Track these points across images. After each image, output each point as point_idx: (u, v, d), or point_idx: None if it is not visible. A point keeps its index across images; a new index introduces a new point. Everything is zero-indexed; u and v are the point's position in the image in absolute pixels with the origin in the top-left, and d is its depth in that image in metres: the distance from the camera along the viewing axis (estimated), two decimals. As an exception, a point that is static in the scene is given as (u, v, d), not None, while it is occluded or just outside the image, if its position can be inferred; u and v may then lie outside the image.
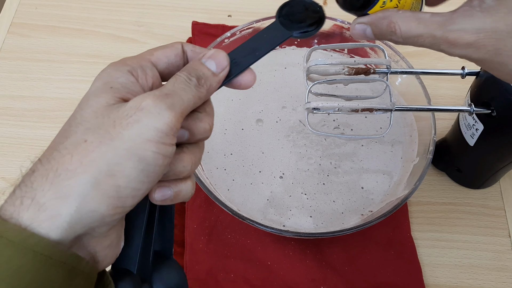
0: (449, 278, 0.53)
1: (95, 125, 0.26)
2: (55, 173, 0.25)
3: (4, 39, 0.69)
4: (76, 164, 0.25)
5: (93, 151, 0.25)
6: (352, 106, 0.47)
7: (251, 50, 0.32)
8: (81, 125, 0.26)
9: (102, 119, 0.26)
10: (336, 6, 0.41)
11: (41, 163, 0.26)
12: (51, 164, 0.25)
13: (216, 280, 0.51)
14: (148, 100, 0.26)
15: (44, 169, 0.25)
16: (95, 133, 0.25)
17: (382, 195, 0.54)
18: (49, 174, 0.25)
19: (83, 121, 0.26)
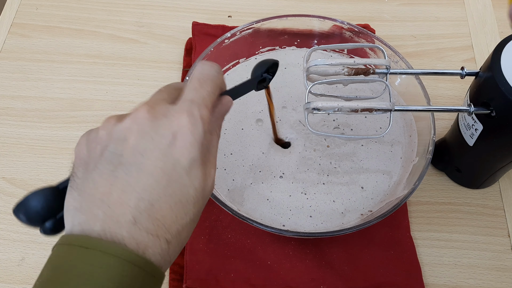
0: (449, 277, 0.53)
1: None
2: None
3: (5, 39, 0.69)
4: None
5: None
6: (352, 106, 0.48)
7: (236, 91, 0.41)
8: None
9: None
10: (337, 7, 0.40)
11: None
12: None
13: (216, 280, 0.51)
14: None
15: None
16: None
17: (381, 195, 0.54)
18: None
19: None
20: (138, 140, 0.31)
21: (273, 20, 0.61)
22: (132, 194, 0.30)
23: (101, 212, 0.29)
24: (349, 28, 0.61)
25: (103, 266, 0.28)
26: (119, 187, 0.30)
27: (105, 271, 0.28)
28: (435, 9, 0.74)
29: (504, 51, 0.45)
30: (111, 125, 0.32)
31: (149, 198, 0.30)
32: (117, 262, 0.28)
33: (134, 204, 0.30)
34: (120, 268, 0.28)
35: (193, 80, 0.35)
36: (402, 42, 0.70)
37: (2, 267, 0.53)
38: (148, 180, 0.30)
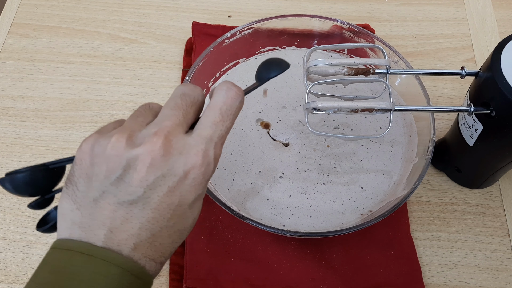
0: (449, 277, 0.53)
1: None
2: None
3: (5, 39, 0.69)
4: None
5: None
6: (352, 106, 0.48)
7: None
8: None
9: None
10: (337, 7, 0.41)
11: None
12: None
13: (216, 280, 0.51)
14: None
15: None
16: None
17: (381, 195, 0.54)
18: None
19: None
20: (148, 173, 0.30)
21: (273, 20, 0.61)
22: (135, 224, 0.30)
23: (102, 234, 0.30)
24: (349, 28, 0.61)
25: (105, 274, 0.29)
26: (123, 214, 0.30)
27: (107, 279, 0.29)
28: (435, 9, 0.74)
29: (504, 51, 0.45)
30: (121, 147, 0.30)
31: (151, 229, 0.31)
32: (118, 271, 0.29)
33: (136, 233, 0.30)
34: (121, 277, 0.29)
35: (215, 111, 0.33)
36: (402, 42, 0.70)
37: (2, 267, 0.53)
38: (153, 214, 0.31)
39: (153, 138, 0.30)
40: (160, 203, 0.30)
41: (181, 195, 0.31)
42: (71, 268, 0.29)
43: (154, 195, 0.30)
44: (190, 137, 0.32)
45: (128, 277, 0.29)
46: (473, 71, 0.49)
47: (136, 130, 0.32)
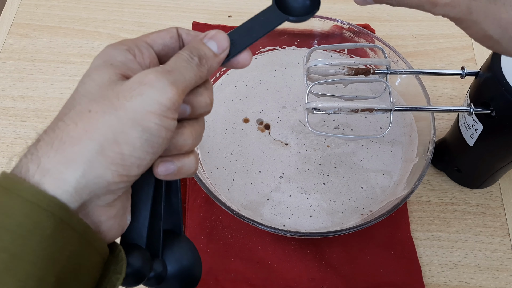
0: (449, 277, 0.53)
1: (99, 97, 0.26)
2: (60, 141, 0.25)
3: (5, 39, 0.69)
4: (81, 131, 0.25)
5: (98, 119, 0.25)
6: (352, 106, 0.48)
7: (248, 32, 0.32)
8: (85, 97, 0.27)
9: (106, 91, 0.26)
10: (337, 7, 0.41)
11: (46, 133, 0.26)
12: (56, 133, 0.26)
13: (216, 279, 0.51)
14: (151, 75, 0.27)
15: (49, 137, 0.26)
16: (99, 103, 0.26)
17: (382, 195, 0.54)
18: (54, 142, 0.25)
19: (87, 93, 0.27)
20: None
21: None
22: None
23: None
24: (349, 28, 0.61)
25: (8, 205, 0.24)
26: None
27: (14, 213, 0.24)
28: None
29: (504, 51, 0.45)
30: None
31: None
32: (22, 203, 0.24)
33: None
34: (26, 210, 0.24)
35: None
36: (402, 42, 0.70)
37: (2, 267, 0.53)
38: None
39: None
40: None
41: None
42: None
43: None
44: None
45: (36, 209, 0.24)
46: (473, 71, 0.49)
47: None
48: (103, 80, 0.27)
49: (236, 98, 0.60)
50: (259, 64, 0.63)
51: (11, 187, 0.24)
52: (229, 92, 0.61)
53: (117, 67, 0.28)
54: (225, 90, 0.61)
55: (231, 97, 0.60)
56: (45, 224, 0.24)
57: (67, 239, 0.25)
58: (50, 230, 0.24)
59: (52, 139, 0.25)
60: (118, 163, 0.25)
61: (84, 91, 0.27)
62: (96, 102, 0.26)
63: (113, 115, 0.25)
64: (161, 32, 0.32)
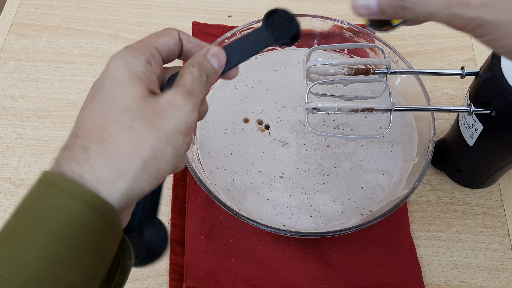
0: (449, 277, 0.53)
1: (139, 114, 0.30)
2: (111, 155, 0.29)
3: (5, 39, 0.69)
4: (129, 148, 0.29)
5: (142, 138, 0.30)
6: (352, 106, 0.48)
7: (239, 50, 0.35)
8: (126, 112, 0.30)
9: (144, 109, 0.30)
10: (337, 7, 0.40)
11: (91, 141, 0.29)
12: (104, 145, 0.29)
13: (216, 279, 0.51)
14: (179, 98, 0.31)
15: (99, 149, 0.29)
16: (141, 121, 0.30)
17: (381, 195, 0.54)
18: (106, 155, 0.29)
19: (127, 108, 0.30)
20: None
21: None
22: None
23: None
24: (349, 28, 0.61)
25: (62, 204, 0.28)
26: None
27: (64, 209, 0.28)
28: None
29: (504, 51, 0.45)
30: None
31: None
32: (74, 200, 0.28)
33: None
34: (77, 205, 0.28)
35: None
36: (402, 42, 0.70)
37: (2, 267, 0.53)
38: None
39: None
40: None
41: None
42: (37, 197, 0.29)
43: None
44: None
45: (87, 207, 0.28)
46: (473, 71, 0.49)
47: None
48: (138, 95, 0.31)
49: (236, 98, 0.60)
50: (259, 64, 0.63)
51: (73, 191, 0.28)
52: (229, 92, 0.61)
53: (143, 80, 0.31)
54: (225, 90, 0.61)
55: (231, 97, 0.60)
56: (101, 224, 0.28)
57: (113, 237, 0.30)
58: (104, 230, 0.29)
59: (102, 152, 0.29)
60: (155, 176, 0.30)
61: (122, 104, 0.30)
62: (138, 120, 0.30)
63: (153, 134, 0.30)
64: (167, 37, 0.35)
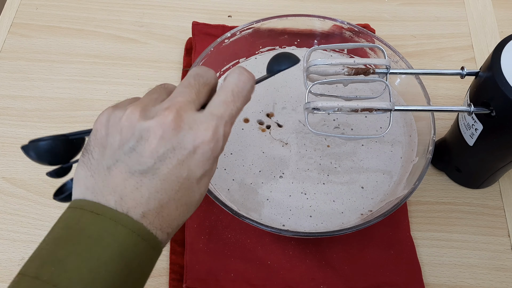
0: (449, 277, 0.53)
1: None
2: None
3: (5, 39, 0.69)
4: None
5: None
6: (352, 106, 0.48)
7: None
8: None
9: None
10: (337, 7, 0.41)
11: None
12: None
13: (216, 279, 0.51)
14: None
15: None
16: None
17: (381, 195, 0.54)
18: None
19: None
20: (159, 145, 0.31)
21: (273, 20, 0.61)
22: (144, 193, 0.32)
23: (113, 200, 0.31)
24: (349, 28, 0.61)
25: (112, 232, 0.30)
26: (133, 183, 0.31)
27: (113, 237, 0.30)
28: (435, 9, 0.74)
29: (504, 51, 0.45)
30: (135, 119, 0.32)
31: (160, 199, 0.32)
32: (124, 230, 0.30)
33: (145, 202, 0.31)
34: (126, 235, 0.30)
35: (227, 91, 0.35)
36: (402, 42, 0.70)
37: (2, 267, 0.53)
38: (161, 184, 0.32)
39: (165, 111, 0.32)
40: (169, 175, 0.32)
41: (189, 169, 0.32)
42: (81, 224, 0.31)
43: (164, 167, 0.32)
44: (202, 114, 0.33)
45: (135, 238, 0.31)
46: (473, 71, 0.49)
47: (150, 105, 0.33)
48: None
49: (236, 98, 0.60)
50: (259, 64, 0.63)
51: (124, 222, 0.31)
52: (229, 92, 0.61)
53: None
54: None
55: (231, 97, 0.60)
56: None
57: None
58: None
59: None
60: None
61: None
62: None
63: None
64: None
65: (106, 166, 0.32)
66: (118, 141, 0.32)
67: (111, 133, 0.33)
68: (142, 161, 0.32)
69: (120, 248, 0.30)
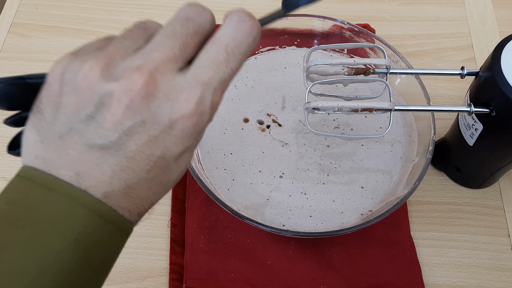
0: (449, 277, 0.53)
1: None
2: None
3: (5, 39, 0.69)
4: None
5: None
6: (352, 106, 0.48)
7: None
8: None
9: None
10: (337, 7, 0.40)
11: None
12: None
13: (216, 279, 0.51)
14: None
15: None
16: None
17: (381, 195, 0.54)
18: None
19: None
20: (125, 117, 0.25)
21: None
22: (106, 171, 0.25)
23: (67, 176, 0.25)
24: (349, 27, 0.61)
25: (67, 214, 0.25)
26: (92, 159, 0.25)
27: (69, 219, 0.25)
28: (435, 9, 0.74)
29: (504, 51, 0.45)
30: (94, 78, 0.25)
31: (126, 179, 0.26)
32: (82, 210, 0.25)
33: (107, 181, 0.26)
34: (85, 217, 0.25)
35: (219, 47, 0.27)
36: (402, 41, 0.70)
37: (2, 267, 0.53)
38: (128, 163, 0.26)
39: (135, 73, 0.25)
40: (137, 153, 0.26)
41: (165, 146, 0.26)
42: (28, 201, 0.25)
43: (131, 143, 0.25)
44: (183, 78, 0.26)
45: (96, 220, 0.25)
46: (473, 70, 0.49)
47: (118, 58, 0.26)
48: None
49: (236, 98, 0.60)
50: (259, 63, 0.63)
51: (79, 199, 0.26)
52: (229, 92, 0.61)
53: None
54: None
55: (230, 97, 0.60)
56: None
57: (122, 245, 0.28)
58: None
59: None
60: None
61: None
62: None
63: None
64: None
65: (59, 134, 0.26)
66: (73, 104, 0.25)
67: (65, 92, 0.25)
68: (102, 133, 0.25)
69: (76, 234, 0.25)
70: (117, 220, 0.26)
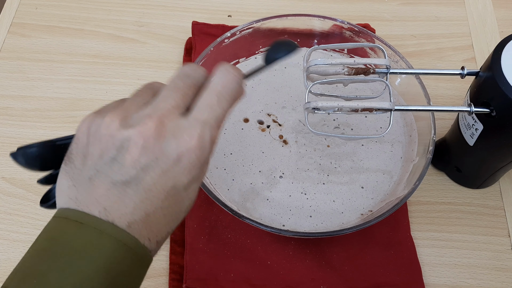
0: (449, 277, 0.53)
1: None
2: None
3: (5, 39, 0.69)
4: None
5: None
6: (352, 106, 0.47)
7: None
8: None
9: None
10: (337, 7, 0.41)
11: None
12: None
13: (216, 279, 0.51)
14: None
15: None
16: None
17: (382, 195, 0.54)
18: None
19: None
20: (141, 155, 0.30)
21: (273, 19, 0.61)
22: (129, 203, 0.30)
23: (97, 211, 0.30)
24: (349, 27, 0.61)
25: (97, 244, 0.29)
26: (116, 194, 0.30)
27: (99, 250, 0.29)
28: (435, 9, 0.74)
29: (504, 51, 0.45)
30: (114, 128, 0.31)
31: (145, 209, 0.31)
32: (110, 240, 0.29)
33: (130, 212, 0.30)
34: (112, 246, 0.29)
35: (211, 93, 0.33)
36: (402, 41, 0.70)
37: (2, 267, 0.53)
38: (146, 194, 0.31)
39: (147, 119, 0.31)
40: (153, 185, 0.31)
41: (175, 178, 0.31)
42: (65, 236, 0.30)
43: (147, 177, 0.31)
44: (185, 120, 0.32)
45: (121, 248, 0.30)
46: (473, 70, 0.49)
47: (132, 111, 0.32)
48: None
49: (236, 98, 0.60)
50: (259, 63, 0.63)
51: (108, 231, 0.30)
52: (229, 92, 0.61)
53: None
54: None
55: (231, 97, 0.60)
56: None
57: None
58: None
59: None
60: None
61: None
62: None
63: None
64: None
65: (88, 177, 0.31)
66: (98, 150, 0.31)
67: (91, 142, 0.31)
68: (124, 171, 0.30)
69: (105, 261, 0.29)
70: (139, 248, 0.30)
